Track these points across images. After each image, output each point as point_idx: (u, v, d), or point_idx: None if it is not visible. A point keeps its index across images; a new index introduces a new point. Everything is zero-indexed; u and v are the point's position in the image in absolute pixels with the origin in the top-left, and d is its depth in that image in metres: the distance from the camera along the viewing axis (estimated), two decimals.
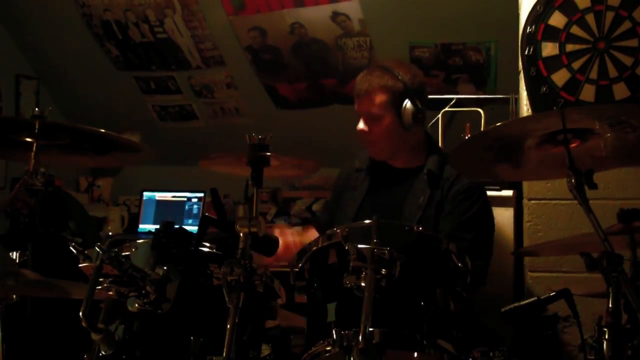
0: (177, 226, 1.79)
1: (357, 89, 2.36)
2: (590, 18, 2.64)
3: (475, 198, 2.32)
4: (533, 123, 1.72)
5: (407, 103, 2.32)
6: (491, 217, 2.42)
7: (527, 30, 2.71)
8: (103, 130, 1.96)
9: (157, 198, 4.40)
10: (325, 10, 3.91)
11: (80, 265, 1.69)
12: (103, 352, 1.58)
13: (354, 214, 2.40)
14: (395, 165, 2.44)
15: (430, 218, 2.28)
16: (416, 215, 2.29)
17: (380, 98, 2.32)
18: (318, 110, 4.45)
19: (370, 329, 1.41)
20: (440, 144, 3.22)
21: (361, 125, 2.36)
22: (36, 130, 1.90)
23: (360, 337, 1.39)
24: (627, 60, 2.62)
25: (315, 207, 4.37)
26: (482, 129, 3.14)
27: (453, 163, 2.14)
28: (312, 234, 2.49)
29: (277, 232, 2.40)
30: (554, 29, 2.68)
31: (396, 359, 1.57)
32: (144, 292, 1.63)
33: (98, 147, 2.08)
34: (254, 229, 1.58)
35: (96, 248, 1.60)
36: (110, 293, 1.62)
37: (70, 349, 1.96)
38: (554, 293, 1.96)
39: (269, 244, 2.23)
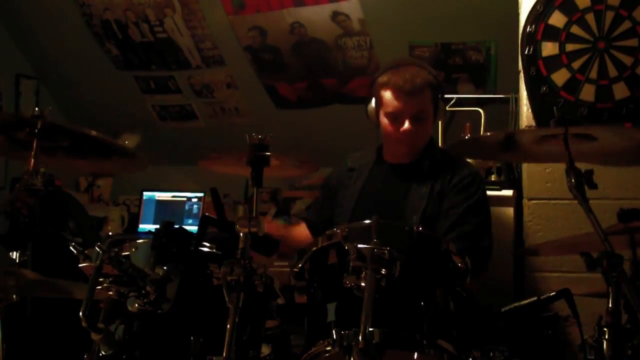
0: (177, 226, 1.79)
1: (408, 87, 2.19)
2: (590, 18, 2.64)
3: (478, 184, 2.31)
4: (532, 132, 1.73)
5: (441, 101, 2.29)
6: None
7: (527, 30, 2.71)
8: (101, 135, 1.96)
9: (157, 198, 4.39)
10: (325, 9, 3.91)
11: (80, 265, 1.68)
12: (103, 352, 1.58)
13: (350, 212, 2.35)
14: (392, 161, 2.42)
15: (433, 207, 2.26)
16: (420, 205, 2.26)
17: (428, 96, 2.24)
18: (318, 110, 4.44)
19: (370, 329, 1.41)
20: (440, 144, 3.22)
21: (407, 125, 2.21)
22: (36, 130, 1.90)
23: (360, 337, 1.39)
24: (627, 60, 2.63)
25: None
26: (482, 128, 3.15)
27: (454, 150, 2.13)
28: (301, 228, 2.57)
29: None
30: (554, 28, 2.68)
31: (396, 359, 1.57)
32: (144, 292, 1.64)
33: (98, 151, 2.08)
34: (254, 229, 1.58)
35: (96, 248, 1.60)
36: (110, 293, 1.62)
37: (70, 349, 1.96)
38: (554, 293, 1.96)
39: (269, 244, 2.23)
